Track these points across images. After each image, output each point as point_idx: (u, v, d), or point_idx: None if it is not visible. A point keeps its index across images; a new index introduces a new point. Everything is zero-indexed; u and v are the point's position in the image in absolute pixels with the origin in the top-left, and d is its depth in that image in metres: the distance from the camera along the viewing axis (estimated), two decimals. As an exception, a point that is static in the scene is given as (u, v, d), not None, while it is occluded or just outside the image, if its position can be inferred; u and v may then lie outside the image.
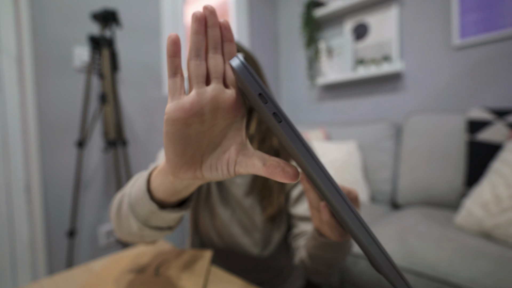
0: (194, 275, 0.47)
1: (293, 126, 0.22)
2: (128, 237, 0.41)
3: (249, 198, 0.65)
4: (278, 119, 0.22)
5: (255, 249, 0.66)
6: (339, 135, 1.61)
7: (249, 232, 0.66)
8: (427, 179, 1.25)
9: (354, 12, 1.81)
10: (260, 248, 0.66)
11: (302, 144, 0.22)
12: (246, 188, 0.65)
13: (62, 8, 1.19)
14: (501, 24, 1.30)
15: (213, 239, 0.68)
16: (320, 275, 0.52)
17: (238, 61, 0.22)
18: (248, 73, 0.21)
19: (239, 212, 0.66)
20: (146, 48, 1.48)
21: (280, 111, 0.22)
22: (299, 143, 0.22)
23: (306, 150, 0.22)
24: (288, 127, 0.22)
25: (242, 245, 0.66)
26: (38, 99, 1.13)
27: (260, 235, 0.66)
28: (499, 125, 1.07)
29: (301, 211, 0.64)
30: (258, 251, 0.66)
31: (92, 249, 1.28)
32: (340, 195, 0.23)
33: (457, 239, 0.82)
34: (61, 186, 1.19)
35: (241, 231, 0.66)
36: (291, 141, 0.23)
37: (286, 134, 0.22)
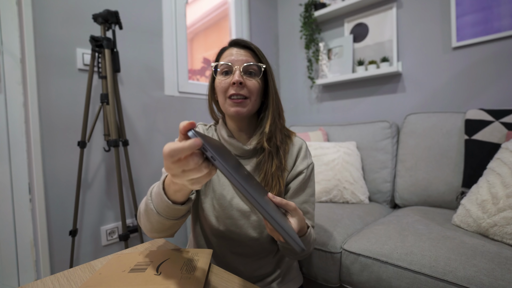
0: (194, 273, 0.48)
1: (225, 165, 0.34)
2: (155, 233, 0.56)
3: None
4: (213, 159, 0.34)
5: (253, 232, 0.70)
6: (339, 135, 1.62)
7: (247, 216, 0.69)
8: (425, 179, 1.26)
9: (354, 13, 1.82)
10: (258, 231, 0.70)
11: (231, 175, 0.34)
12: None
13: (64, 10, 1.20)
14: (498, 26, 1.31)
15: (213, 223, 0.71)
16: (293, 258, 0.71)
17: (192, 133, 0.35)
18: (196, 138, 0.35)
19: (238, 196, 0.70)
20: (147, 49, 1.49)
21: (214, 156, 0.34)
22: (230, 176, 0.34)
23: (234, 178, 0.34)
24: (221, 165, 0.34)
25: (240, 227, 0.69)
26: (41, 100, 1.15)
27: (257, 218, 0.70)
28: (497, 125, 1.07)
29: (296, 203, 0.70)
30: (256, 234, 0.70)
31: (94, 248, 1.29)
32: (258, 205, 0.35)
33: (455, 238, 0.82)
34: (63, 186, 1.20)
35: (240, 215, 0.69)
36: (225, 175, 0.35)
37: (221, 170, 0.35)
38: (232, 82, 0.63)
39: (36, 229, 1.13)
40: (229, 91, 0.64)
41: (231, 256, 0.73)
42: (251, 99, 0.65)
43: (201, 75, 1.92)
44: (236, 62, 0.64)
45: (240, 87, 0.63)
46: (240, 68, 0.64)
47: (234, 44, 0.68)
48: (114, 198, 1.36)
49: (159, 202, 0.50)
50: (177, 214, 0.52)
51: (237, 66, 0.64)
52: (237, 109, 0.64)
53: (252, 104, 0.66)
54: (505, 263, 0.68)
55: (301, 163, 0.72)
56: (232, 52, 0.66)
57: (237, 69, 0.63)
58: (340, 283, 0.92)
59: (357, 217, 1.13)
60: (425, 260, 0.75)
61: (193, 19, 1.92)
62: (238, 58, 0.65)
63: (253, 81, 0.65)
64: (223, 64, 0.65)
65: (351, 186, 1.34)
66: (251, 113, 0.67)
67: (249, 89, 0.64)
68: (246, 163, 0.71)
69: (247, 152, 0.69)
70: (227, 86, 0.64)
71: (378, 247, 0.85)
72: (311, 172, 0.74)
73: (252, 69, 0.65)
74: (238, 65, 0.64)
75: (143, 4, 1.47)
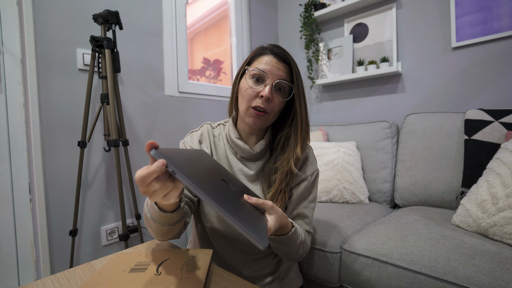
0: (195, 273, 0.48)
1: (186, 176, 0.36)
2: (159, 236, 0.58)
3: (254, 185, 0.70)
4: (174, 173, 0.36)
5: None
6: (338, 135, 1.62)
7: None
8: (425, 179, 1.26)
9: (354, 13, 1.82)
10: None
11: (189, 184, 0.35)
12: (252, 178, 0.70)
13: (64, 10, 1.21)
14: (497, 26, 1.31)
15: (213, 223, 0.71)
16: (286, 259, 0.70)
17: (153, 153, 0.36)
18: (158, 157, 0.36)
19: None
20: (147, 49, 1.49)
21: (174, 170, 0.36)
22: (190, 185, 0.35)
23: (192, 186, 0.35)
24: (181, 178, 0.35)
25: None
26: (41, 100, 1.15)
27: None
28: (496, 125, 1.07)
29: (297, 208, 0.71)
30: None
31: (94, 248, 1.29)
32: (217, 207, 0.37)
33: (455, 238, 0.82)
34: (64, 186, 1.21)
35: None
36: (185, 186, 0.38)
37: (182, 182, 0.36)
38: (261, 95, 0.62)
39: (36, 229, 1.13)
40: (254, 101, 0.63)
41: (231, 255, 0.73)
42: (270, 115, 0.64)
43: (201, 75, 1.92)
44: (271, 74, 0.62)
45: (266, 102, 0.62)
46: (273, 83, 0.62)
47: (275, 53, 0.65)
48: (114, 198, 1.36)
49: (153, 211, 0.53)
50: (170, 221, 0.54)
51: (270, 79, 0.62)
52: (255, 121, 0.64)
53: (270, 119, 0.66)
54: (504, 263, 0.68)
55: (305, 169, 0.72)
56: (270, 61, 0.63)
57: (269, 83, 0.62)
58: (340, 283, 0.92)
59: (357, 217, 1.13)
60: (425, 260, 0.75)
61: (193, 19, 1.92)
62: (274, 71, 0.63)
63: (278, 98, 0.64)
64: (258, 71, 0.63)
65: (351, 186, 1.34)
66: (266, 126, 0.67)
67: (273, 105, 0.63)
68: (251, 165, 0.71)
69: (253, 155, 0.70)
70: (255, 95, 0.63)
71: (378, 247, 0.85)
72: (315, 179, 0.74)
73: (282, 87, 0.64)
74: (271, 78, 0.62)
75: (143, 4, 1.47)
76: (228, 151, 0.72)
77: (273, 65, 0.63)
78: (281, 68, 0.64)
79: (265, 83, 0.62)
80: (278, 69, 0.63)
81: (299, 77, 0.66)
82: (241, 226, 0.37)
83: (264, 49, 0.66)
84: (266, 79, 0.62)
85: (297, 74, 0.65)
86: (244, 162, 0.71)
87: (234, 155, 0.72)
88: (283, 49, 0.66)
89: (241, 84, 0.67)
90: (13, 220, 1.10)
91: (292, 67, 0.65)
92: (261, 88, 0.63)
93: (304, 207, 0.72)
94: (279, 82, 0.63)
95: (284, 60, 0.65)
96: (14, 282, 1.09)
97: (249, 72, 0.64)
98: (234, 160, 0.71)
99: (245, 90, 0.64)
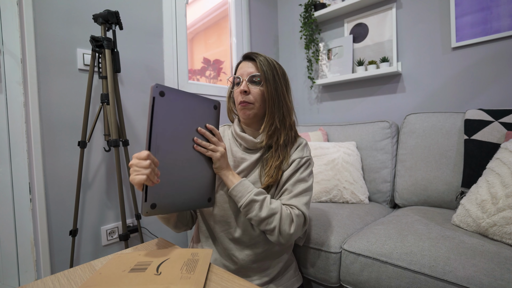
0: (194, 273, 0.48)
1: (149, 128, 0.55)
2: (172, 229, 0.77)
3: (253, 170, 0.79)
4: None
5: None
6: (338, 135, 1.62)
7: None
8: (425, 179, 1.26)
9: (354, 13, 1.82)
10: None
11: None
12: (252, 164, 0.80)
13: (64, 10, 1.21)
14: (497, 26, 1.31)
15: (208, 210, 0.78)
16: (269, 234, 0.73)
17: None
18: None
19: None
20: (148, 49, 1.49)
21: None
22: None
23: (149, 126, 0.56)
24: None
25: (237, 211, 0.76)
26: (41, 100, 1.15)
27: None
28: (496, 125, 1.07)
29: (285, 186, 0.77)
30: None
31: (94, 248, 1.29)
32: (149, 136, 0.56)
33: (454, 238, 0.82)
34: (64, 186, 1.21)
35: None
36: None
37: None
38: (239, 91, 0.76)
39: (36, 229, 1.13)
40: (239, 98, 0.77)
41: (229, 242, 0.76)
42: (255, 105, 0.76)
43: (201, 75, 1.92)
44: (244, 74, 0.77)
45: (245, 94, 0.75)
46: (246, 79, 0.76)
47: (245, 57, 0.80)
48: (114, 198, 1.36)
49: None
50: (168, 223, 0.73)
51: (244, 77, 0.77)
52: (245, 112, 0.77)
53: (257, 108, 0.77)
54: (504, 263, 0.69)
55: (296, 154, 0.80)
56: (242, 66, 0.79)
57: (244, 80, 0.76)
58: (340, 283, 0.92)
59: (357, 217, 1.13)
60: (424, 260, 0.75)
61: (193, 19, 1.92)
62: (245, 70, 0.77)
63: (256, 89, 0.76)
64: (234, 77, 0.79)
65: (351, 186, 1.34)
66: (258, 115, 0.79)
67: (253, 96, 0.76)
68: (252, 154, 0.80)
69: (255, 144, 0.79)
70: (238, 94, 0.77)
71: (378, 247, 0.85)
72: (305, 163, 0.79)
73: (255, 79, 0.76)
74: (245, 76, 0.77)
75: (144, 4, 1.47)
76: (232, 144, 0.83)
77: (245, 67, 0.78)
78: (250, 66, 0.77)
79: (241, 81, 0.77)
80: (248, 67, 0.77)
81: (266, 67, 0.76)
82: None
83: (240, 60, 0.82)
84: (241, 79, 0.77)
85: (262, 65, 0.75)
86: (247, 151, 0.81)
87: (238, 147, 0.82)
88: (253, 52, 0.79)
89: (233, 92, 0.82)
90: (13, 220, 1.10)
91: (256, 61, 0.77)
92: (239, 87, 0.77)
93: (290, 184, 0.76)
94: (250, 77, 0.76)
95: (251, 58, 0.78)
96: (14, 282, 1.09)
97: (231, 81, 0.81)
98: (238, 151, 0.82)
99: (234, 94, 0.80)
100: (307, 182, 0.77)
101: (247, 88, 0.75)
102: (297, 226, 0.70)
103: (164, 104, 0.57)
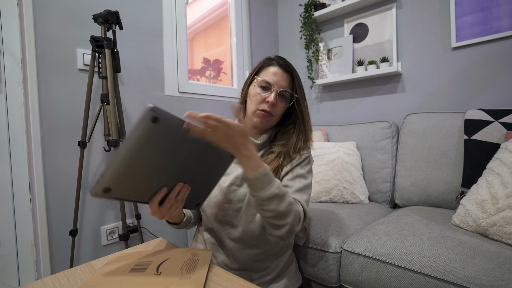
0: (194, 273, 0.48)
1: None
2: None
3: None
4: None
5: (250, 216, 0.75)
6: (338, 135, 1.62)
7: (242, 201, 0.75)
8: (425, 179, 1.26)
9: (354, 13, 1.82)
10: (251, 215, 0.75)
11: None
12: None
13: (64, 10, 1.21)
14: (497, 26, 1.31)
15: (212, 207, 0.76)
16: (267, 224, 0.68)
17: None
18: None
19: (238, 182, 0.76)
20: (148, 49, 1.49)
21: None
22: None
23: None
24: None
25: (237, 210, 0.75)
26: (41, 100, 1.15)
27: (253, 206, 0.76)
28: (496, 125, 1.07)
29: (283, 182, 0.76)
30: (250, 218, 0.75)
31: (94, 248, 1.29)
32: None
33: (454, 238, 0.82)
34: (64, 186, 1.21)
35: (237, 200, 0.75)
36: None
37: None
38: (267, 101, 0.73)
39: (36, 229, 1.13)
40: (262, 104, 0.74)
41: (229, 242, 0.76)
42: (274, 117, 0.76)
43: (201, 75, 1.92)
44: (276, 84, 0.75)
45: (272, 106, 0.74)
46: (277, 91, 0.74)
47: (280, 65, 0.77)
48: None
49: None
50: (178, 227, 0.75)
51: (275, 88, 0.74)
52: (262, 121, 0.75)
53: (274, 121, 0.78)
54: (504, 263, 0.68)
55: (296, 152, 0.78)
56: (275, 72, 0.75)
57: (275, 91, 0.74)
58: (340, 283, 0.92)
59: (357, 217, 1.13)
60: (424, 260, 0.75)
61: (193, 19, 1.92)
62: (279, 82, 0.75)
63: (282, 103, 0.76)
64: (265, 82, 0.75)
65: (351, 186, 1.34)
66: (270, 126, 0.79)
67: (277, 109, 0.75)
68: None
69: (256, 145, 0.78)
70: (262, 100, 0.75)
71: (378, 247, 0.85)
72: (305, 160, 0.78)
73: (285, 95, 0.76)
74: (276, 87, 0.74)
75: (144, 4, 1.47)
76: None
77: (278, 76, 0.75)
78: (284, 79, 0.75)
79: (271, 90, 0.74)
80: (282, 79, 0.75)
81: (300, 86, 0.77)
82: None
83: (271, 61, 0.78)
84: (271, 88, 0.74)
85: (299, 84, 0.77)
86: None
87: None
88: (287, 62, 0.78)
89: (250, 90, 0.78)
90: (13, 220, 1.10)
91: (294, 77, 0.77)
92: (267, 94, 0.74)
93: (289, 179, 0.75)
94: (282, 91, 0.75)
95: (288, 71, 0.76)
96: (14, 282, 1.09)
97: (258, 81, 0.76)
98: None
99: (254, 95, 0.76)
100: (307, 180, 0.76)
101: (275, 101, 0.74)
102: (301, 224, 0.69)
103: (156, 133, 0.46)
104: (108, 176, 0.46)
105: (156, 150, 0.47)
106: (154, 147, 0.47)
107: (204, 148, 0.54)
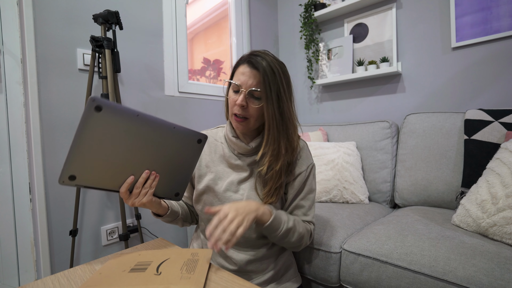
0: (194, 273, 0.48)
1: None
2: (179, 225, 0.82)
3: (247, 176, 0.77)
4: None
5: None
6: (338, 135, 1.62)
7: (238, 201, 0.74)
8: (425, 179, 1.26)
9: (354, 13, 1.82)
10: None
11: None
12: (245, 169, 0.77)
13: (64, 10, 1.21)
14: (497, 26, 1.31)
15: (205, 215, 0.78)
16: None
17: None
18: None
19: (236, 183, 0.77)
20: (148, 49, 1.49)
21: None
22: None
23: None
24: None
25: None
26: (41, 100, 1.15)
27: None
28: (496, 125, 1.07)
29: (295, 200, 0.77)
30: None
31: (94, 248, 1.29)
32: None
33: (454, 238, 0.82)
34: (64, 186, 1.21)
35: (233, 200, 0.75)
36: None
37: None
38: (236, 103, 0.68)
39: (36, 229, 1.13)
40: (234, 108, 0.69)
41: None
42: (250, 120, 0.70)
43: (201, 75, 1.92)
44: (244, 84, 0.68)
45: (242, 109, 0.68)
46: (246, 92, 0.67)
47: (248, 62, 0.68)
48: (114, 198, 1.36)
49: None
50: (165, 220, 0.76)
51: (243, 89, 0.68)
52: (237, 126, 0.71)
53: (252, 124, 0.71)
54: (504, 263, 0.68)
55: (300, 165, 0.77)
56: (244, 71, 0.68)
57: (243, 92, 0.67)
58: (339, 283, 0.92)
59: (357, 217, 1.13)
60: (424, 260, 0.75)
61: (193, 19, 1.92)
62: (247, 81, 0.67)
63: (256, 104, 0.68)
64: (233, 84, 0.70)
65: (351, 186, 1.34)
66: (251, 129, 0.73)
67: (251, 111, 0.69)
68: (246, 159, 0.77)
69: (249, 150, 0.76)
70: (233, 103, 0.70)
71: (378, 247, 0.85)
72: (311, 172, 0.78)
73: (256, 94, 0.68)
74: (244, 88, 0.67)
75: (144, 5, 1.47)
76: (225, 148, 0.79)
77: (246, 75, 0.68)
78: (252, 76, 0.67)
79: (240, 91, 0.69)
80: (251, 78, 0.67)
81: (275, 81, 0.67)
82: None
83: (242, 59, 0.71)
84: (240, 89, 0.68)
85: (267, 79, 0.66)
86: (240, 156, 0.77)
87: (232, 151, 0.78)
88: (260, 55, 0.68)
89: (228, 94, 0.74)
90: (13, 220, 1.10)
91: (260, 71, 0.66)
92: (237, 97, 0.69)
93: (301, 199, 0.76)
94: (250, 91, 0.68)
95: (255, 67, 0.67)
96: (14, 282, 1.09)
97: (231, 85, 0.72)
98: (232, 156, 0.78)
99: (229, 99, 0.72)
100: (315, 190, 0.80)
101: (244, 103, 0.67)
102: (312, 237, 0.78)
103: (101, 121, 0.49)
104: (68, 164, 0.50)
105: (108, 138, 0.51)
106: (102, 135, 0.50)
107: (165, 136, 0.56)
